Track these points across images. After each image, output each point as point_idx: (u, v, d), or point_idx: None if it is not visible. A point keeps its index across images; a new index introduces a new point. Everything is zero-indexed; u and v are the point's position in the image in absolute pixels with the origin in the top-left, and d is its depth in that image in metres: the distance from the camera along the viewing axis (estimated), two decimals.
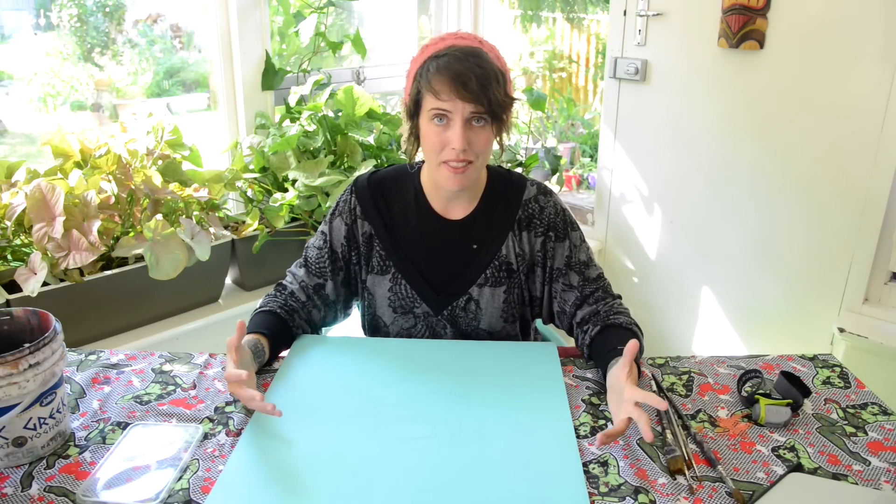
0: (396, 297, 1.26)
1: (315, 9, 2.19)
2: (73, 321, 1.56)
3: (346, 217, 1.26)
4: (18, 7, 2.14)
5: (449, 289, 1.24)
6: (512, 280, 1.24)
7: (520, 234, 1.24)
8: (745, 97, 1.99)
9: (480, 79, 1.05)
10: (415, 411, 1.02)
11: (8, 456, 0.90)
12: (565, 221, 1.24)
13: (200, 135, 2.07)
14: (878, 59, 1.75)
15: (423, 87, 1.10)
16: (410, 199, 1.25)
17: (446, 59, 1.07)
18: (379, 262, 1.26)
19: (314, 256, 1.27)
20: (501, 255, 1.24)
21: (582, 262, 1.24)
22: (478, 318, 1.25)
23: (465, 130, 1.09)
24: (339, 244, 1.26)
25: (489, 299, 1.24)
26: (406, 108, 1.17)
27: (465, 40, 1.12)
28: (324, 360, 1.17)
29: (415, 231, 1.25)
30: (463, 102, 1.07)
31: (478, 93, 1.06)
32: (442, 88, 1.07)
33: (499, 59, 1.13)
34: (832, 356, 1.21)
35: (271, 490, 0.86)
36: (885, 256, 1.87)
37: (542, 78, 4.59)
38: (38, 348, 0.89)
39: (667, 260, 2.31)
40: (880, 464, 0.92)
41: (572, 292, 1.23)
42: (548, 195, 1.25)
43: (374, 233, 1.25)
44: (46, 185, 1.51)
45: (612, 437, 0.91)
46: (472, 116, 1.09)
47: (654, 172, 2.27)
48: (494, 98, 1.07)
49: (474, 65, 1.06)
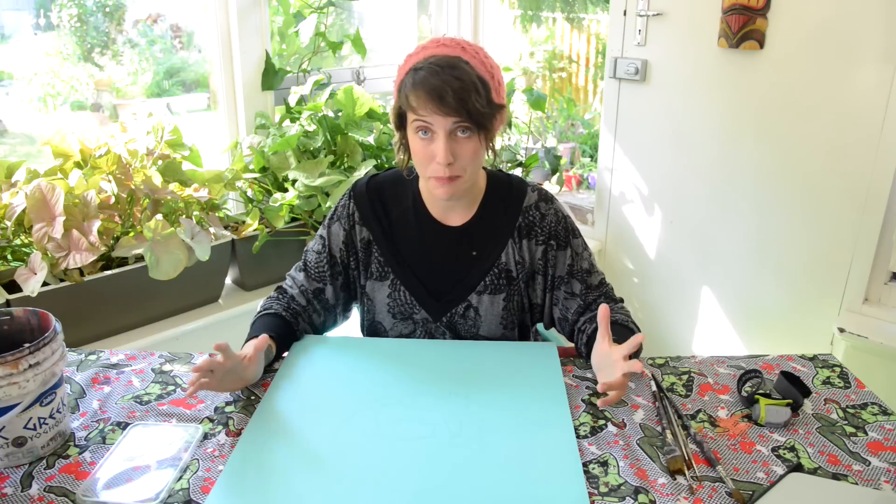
0: (395, 304, 1.25)
1: (315, 9, 2.19)
2: (73, 321, 1.56)
3: (345, 222, 1.25)
4: (18, 7, 2.14)
5: (448, 295, 1.24)
6: (511, 287, 1.23)
7: (520, 241, 1.22)
8: (745, 97, 1.99)
9: (458, 92, 1.02)
10: (415, 411, 1.02)
11: (8, 456, 0.90)
12: (567, 229, 1.22)
13: (200, 135, 2.07)
14: (878, 60, 1.75)
15: (402, 101, 1.08)
16: (409, 204, 1.24)
17: (423, 72, 1.04)
18: (378, 269, 1.25)
19: (313, 261, 1.26)
20: (501, 263, 1.22)
21: (584, 269, 1.23)
22: (477, 325, 1.25)
23: (450, 143, 1.06)
24: (337, 249, 1.25)
25: (488, 307, 1.23)
26: (393, 119, 1.15)
27: (445, 48, 1.07)
28: (324, 360, 1.17)
29: (413, 237, 1.24)
30: (443, 117, 1.04)
31: (456, 106, 1.02)
32: (419, 104, 1.04)
33: (483, 64, 1.08)
34: (832, 356, 1.21)
35: (271, 490, 0.86)
36: (885, 256, 1.87)
37: (542, 78, 4.60)
38: (38, 348, 0.89)
39: (667, 260, 2.31)
40: (880, 464, 0.92)
41: (574, 300, 1.23)
42: (549, 202, 1.23)
43: (373, 239, 1.24)
44: (46, 185, 1.51)
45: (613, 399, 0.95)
46: (455, 128, 1.06)
47: (654, 172, 2.27)
48: (475, 109, 1.03)
49: (451, 77, 1.02)
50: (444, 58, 1.05)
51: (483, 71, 1.07)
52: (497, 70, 1.11)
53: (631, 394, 1.09)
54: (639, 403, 1.06)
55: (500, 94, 1.11)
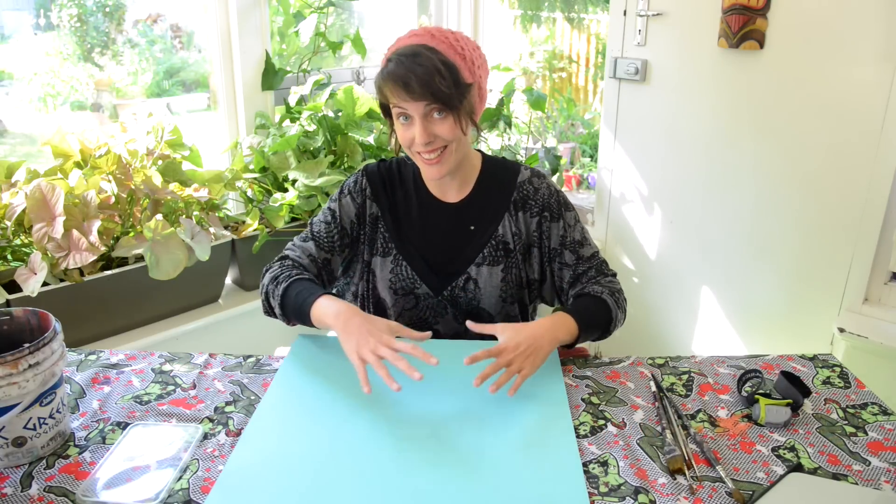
0: (397, 279, 1.28)
1: (315, 9, 2.19)
2: (73, 321, 1.56)
3: (357, 196, 1.29)
4: (18, 7, 2.14)
5: (448, 269, 1.28)
6: (509, 259, 1.27)
7: (515, 214, 1.28)
8: (745, 97, 1.99)
9: (421, 77, 1.08)
10: (415, 411, 1.02)
11: (8, 456, 0.90)
12: (559, 202, 1.28)
13: (200, 135, 2.07)
14: (878, 59, 1.75)
15: (378, 93, 1.17)
16: (410, 184, 1.31)
17: (391, 64, 1.11)
18: (382, 244, 1.29)
19: (323, 231, 1.28)
20: (498, 235, 1.27)
21: (576, 241, 1.28)
22: (477, 298, 1.28)
23: (427, 124, 1.13)
24: (348, 221, 1.29)
25: (487, 278, 1.27)
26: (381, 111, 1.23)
27: (416, 37, 1.14)
28: (324, 360, 1.17)
29: (415, 214, 1.29)
30: (413, 101, 1.11)
31: (421, 91, 1.09)
32: (390, 93, 1.13)
33: (452, 48, 1.13)
34: (832, 356, 1.21)
35: (271, 490, 0.86)
36: (885, 256, 1.87)
37: (542, 78, 4.59)
38: (38, 348, 0.89)
39: (667, 260, 2.31)
40: (880, 464, 0.92)
41: (567, 270, 1.28)
42: (541, 178, 1.30)
43: (381, 215, 1.29)
44: (46, 185, 1.51)
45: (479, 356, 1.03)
46: (429, 111, 1.13)
47: (654, 172, 2.27)
48: (439, 91, 1.09)
49: (414, 64, 1.09)
50: (409, 47, 1.12)
51: (452, 54, 1.12)
52: (471, 51, 1.16)
53: (631, 394, 1.09)
54: (639, 404, 1.06)
55: (474, 73, 1.16)
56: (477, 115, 1.20)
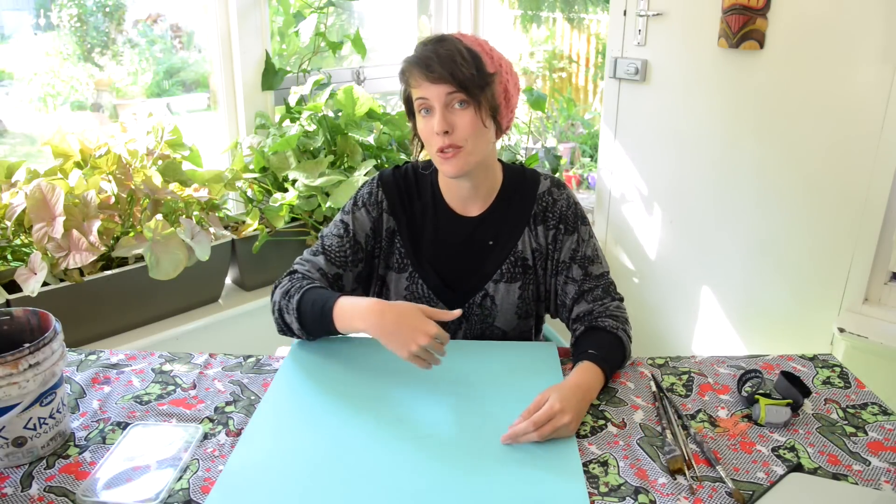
0: (412, 296, 1.25)
1: (315, 9, 2.19)
2: (73, 321, 1.56)
3: (373, 210, 1.25)
4: (18, 7, 2.14)
5: (465, 286, 1.25)
6: (527, 276, 1.25)
7: (535, 228, 1.24)
8: (745, 97, 1.99)
9: (443, 58, 1.07)
10: (415, 411, 1.02)
11: (8, 456, 0.90)
12: (576, 215, 1.24)
13: (200, 135, 2.07)
14: (878, 59, 1.75)
15: (404, 83, 1.15)
16: (428, 197, 1.26)
17: (417, 49, 1.12)
18: (398, 260, 1.26)
19: (335, 245, 1.24)
20: (517, 251, 1.24)
21: (587, 256, 1.23)
22: (493, 315, 1.25)
23: (447, 114, 1.10)
24: (362, 235, 1.24)
25: (504, 295, 1.24)
26: (405, 109, 1.21)
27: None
28: (324, 360, 1.17)
29: (432, 229, 1.25)
30: (434, 85, 1.09)
31: (441, 72, 1.07)
32: (412, 77, 1.11)
33: (476, 42, 1.13)
34: (832, 356, 1.21)
35: (271, 490, 0.86)
36: (885, 256, 1.87)
37: (542, 78, 4.59)
38: (38, 348, 0.89)
39: (667, 260, 2.31)
40: (880, 464, 0.92)
41: (573, 285, 1.23)
42: (561, 188, 1.26)
43: (398, 229, 1.25)
44: (46, 185, 1.51)
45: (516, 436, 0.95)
46: (450, 100, 1.10)
47: (654, 172, 2.27)
48: (461, 74, 1.07)
49: (438, 47, 1.09)
50: (435, 35, 1.13)
51: (473, 44, 1.13)
52: (498, 55, 1.16)
53: (631, 394, 1.09)
54: (638, 404, 1.06)
55: (495, 65, 1.14)
56: (502, 117, 1.16)
